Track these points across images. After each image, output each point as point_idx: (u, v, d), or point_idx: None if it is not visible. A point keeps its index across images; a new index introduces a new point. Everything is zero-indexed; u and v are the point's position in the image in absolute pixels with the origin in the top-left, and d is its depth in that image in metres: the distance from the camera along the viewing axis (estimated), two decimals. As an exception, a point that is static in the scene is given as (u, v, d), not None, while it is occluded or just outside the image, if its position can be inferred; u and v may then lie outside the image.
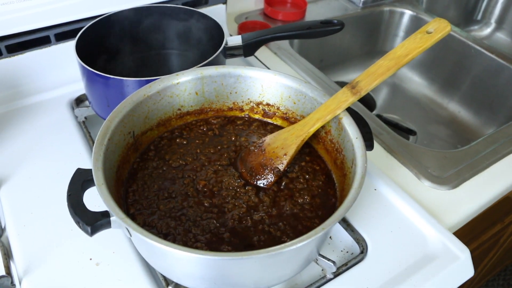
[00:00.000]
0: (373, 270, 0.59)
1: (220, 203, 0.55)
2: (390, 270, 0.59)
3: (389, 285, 0.57)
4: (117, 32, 0.81)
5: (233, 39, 0.76)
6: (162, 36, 0.85)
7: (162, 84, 0.62)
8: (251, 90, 0.66)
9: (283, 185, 0.58)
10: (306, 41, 1.14)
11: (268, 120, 0.69)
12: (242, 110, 0.69)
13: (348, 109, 0.58)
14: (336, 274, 0.58)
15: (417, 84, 1.27)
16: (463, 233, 0.71)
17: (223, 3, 0.98)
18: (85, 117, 0.79)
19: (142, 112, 0.60)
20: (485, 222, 0.89)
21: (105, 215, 0.47)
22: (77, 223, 0.47)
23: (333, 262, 0.55)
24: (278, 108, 0.67)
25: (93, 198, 0.50)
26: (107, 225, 0.47)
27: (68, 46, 0.82)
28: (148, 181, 0.58)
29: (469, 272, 0.62)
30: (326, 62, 1.23)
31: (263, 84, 0.65)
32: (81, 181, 0.49)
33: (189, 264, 0.47)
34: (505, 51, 1.10)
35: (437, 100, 1.22)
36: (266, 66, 0.97)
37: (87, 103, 0.81)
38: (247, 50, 0.77)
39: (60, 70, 0.84)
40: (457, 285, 0.61)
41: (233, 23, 1.11)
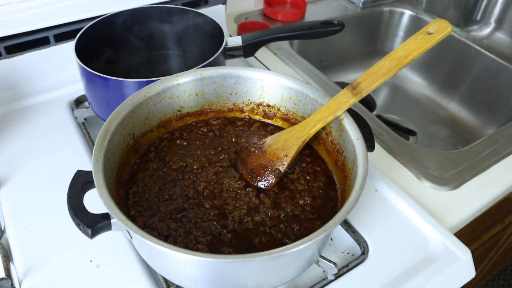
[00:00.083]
0: (374, 271, 0.59)
1: (221, 204, 0.55)
2: (391, 271, 0.59)
3: (390, 286, 0.57)
4: (116, 33, 0.81)
5: (233, 40, 0.76)
6: (162, 37, 0.85)
7: (162, 85, 0.62)
8: (251, 91, 0.66)
9: (283, 187, 0.58)
10: (306, 42, 1.13)
11: (268, 121, 0.68)
12: (242, 111, 0.68)
13: (349, 110, 0.58)
14: (337, 275, 0.58)
15: (417, 84, 1.27)
16: (464, 234, 0.71)
17: (222, 4, 0.97)
18: (85, 118, 0.79)
19: (142, 113, 0.60)
20: (485, 223, 0.89)
21: (106, 217, 0.46)
22: (78, 225, 0.46)
23: (334, 263, 0.55)
24: (278, 109, 0.67)
25: (93, 200, 0.50)
26: (108, 227, 0.47)
27: (68, 47, 0.81)
28: (148, 182, 0.58)
29: (470, 273, 0.62)
30: (326, 63, 1.23)
31: (264, 85, 0.65)
32: (81, 183, 0.49)
33: (190, 266, 0.47)
34: (505, 51, 1.10)
35: (437, 101, 1.22)
36: (266, 66, 0.97)
37: (86, 104, 0.80)
38: (247, 50, 0.77)
39: (59, 71, 0.84)
40: (458, 286, 0.61)
41: (233, 23, 1.11)
